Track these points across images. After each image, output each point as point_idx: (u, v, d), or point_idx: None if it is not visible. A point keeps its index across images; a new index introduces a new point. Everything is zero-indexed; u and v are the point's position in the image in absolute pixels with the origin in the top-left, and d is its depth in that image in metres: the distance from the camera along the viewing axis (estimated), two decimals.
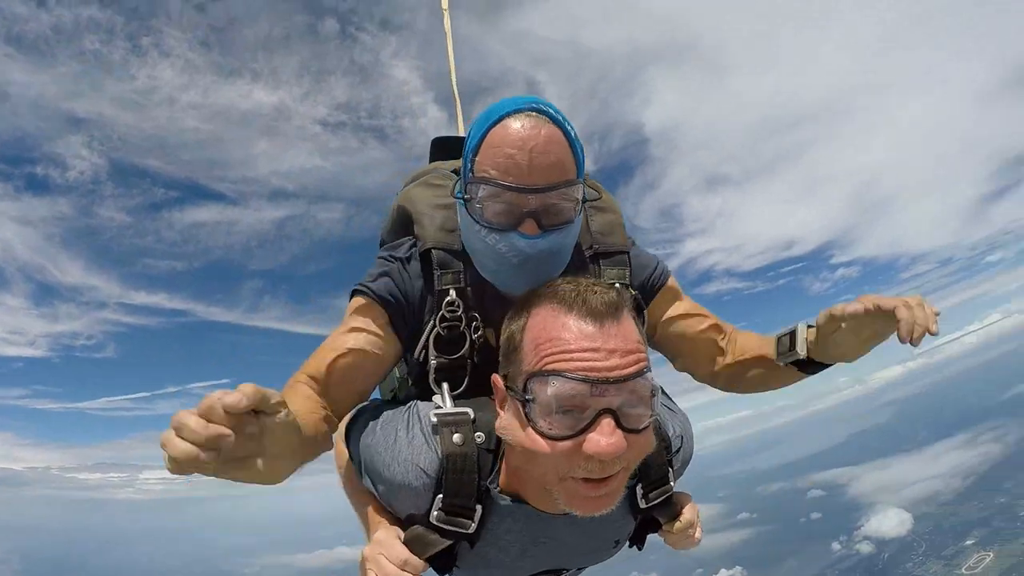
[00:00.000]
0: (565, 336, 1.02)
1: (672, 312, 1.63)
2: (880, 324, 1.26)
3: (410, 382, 1.61)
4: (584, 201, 1.34)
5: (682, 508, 1.43)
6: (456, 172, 1.59)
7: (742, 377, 1.63)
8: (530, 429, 1.03)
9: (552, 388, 0.99)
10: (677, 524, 1.40)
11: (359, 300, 1.45)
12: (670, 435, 1.35)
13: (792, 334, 1.44)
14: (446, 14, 2.78)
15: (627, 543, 1.49)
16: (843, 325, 1.31)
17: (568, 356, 1.00)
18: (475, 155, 1.28)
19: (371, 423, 1.34)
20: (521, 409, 1.04)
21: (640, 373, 1.02)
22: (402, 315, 1.44)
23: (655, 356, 1.65)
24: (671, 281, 1.63)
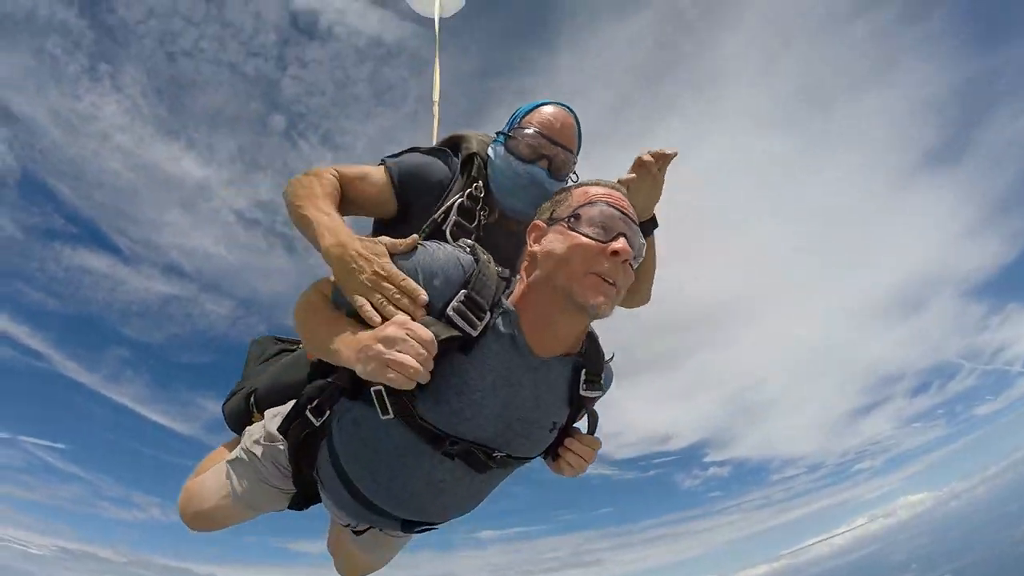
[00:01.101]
0: (605, 192, 1.43)
1: None
2: (642, 177, 1.72)
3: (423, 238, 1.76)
4: (573, 167, 1.91)
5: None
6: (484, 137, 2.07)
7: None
8: (575, 234, 1.34)
9: (598, 208, 1.36)
10: (589, 438, 1.61)
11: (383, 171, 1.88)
12: (602, 349, 1.59)
13: None
14: (436, 105, 3.08)
15: (550, 442, 1.58)
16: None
17: (608, 198, 1.40)
18: (523, 117, 1.88)
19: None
20: (567, 226, 1.36)
21: (638, 228, 1.42)
22: (415, 189, 1.89)
23: None
24: None
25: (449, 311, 1.31)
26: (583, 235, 1.33)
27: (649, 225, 1.83)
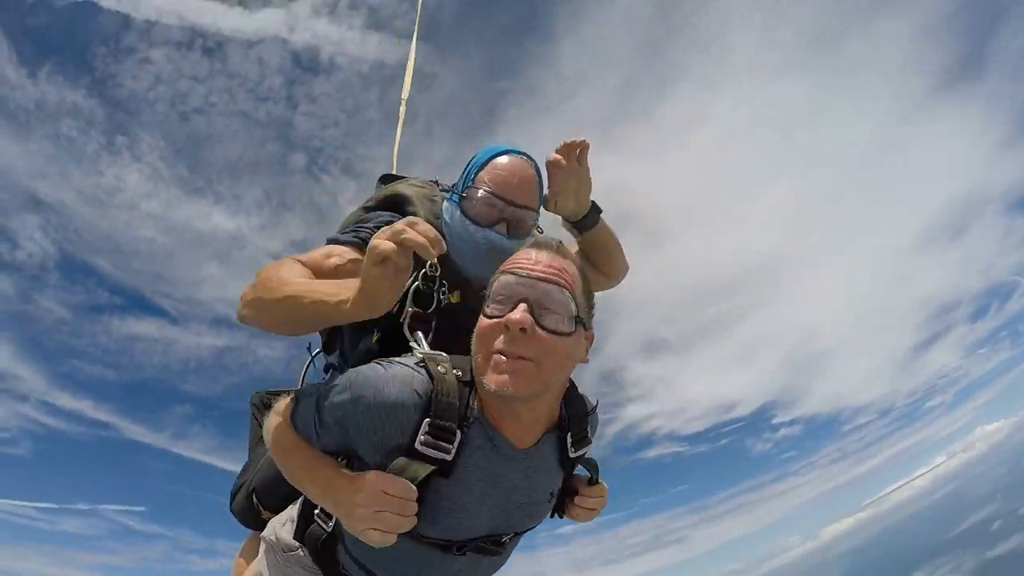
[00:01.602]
0: (512, 259, 1.33)
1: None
2: (563, 178, 1.75)
3: (375, 337, 1.76)
4: (535, 224, 1.81)
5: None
6: (439, 186, 2.05)
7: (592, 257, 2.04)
8: (481, 318, 1.28)
9: (499, 281, 1.28)
10: (595, 487, 1.61)
11: (349, 247, 1.71)
12: (586, 401, 1.54)
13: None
14: (403, 103, 3.14)
15: (551, 510, 1.60)
16: (557, 200, 1.81)
17: (512, 265, 1.30)
18: (478, 171, 1.73)
19: (345, 375, 1.35)
20: (484, 312, 1.29)
21: (556, 283, 1.25)
22: None
23: None
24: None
25: (418, 446, 1.26)
26: (485, 316, 1.28)
27: (592, 215, 1.90)
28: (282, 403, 1.51)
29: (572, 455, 1.46)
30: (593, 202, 1.89)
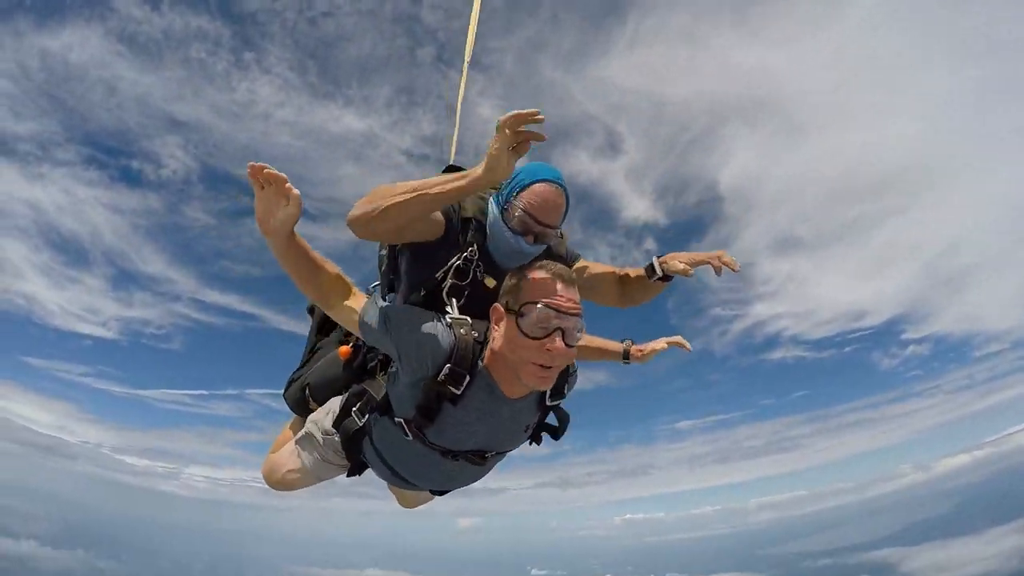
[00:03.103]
0: (551, 286, 1.85)
1: (586, 270, 2.62)
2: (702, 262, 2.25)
3: (422, 292, 2.30)
4: (557, 236, 2.34)
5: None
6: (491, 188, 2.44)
7: (631, 293, 2.58)
8: (519, 332, 1.81)
9: (538, 312, 1.80)
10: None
11: None
12: (573, 368, 2.22)
13: (651, 266, 2.43)
14: (465, 64, 3.30)
15: (528, 438, 2.25)
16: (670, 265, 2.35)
17: (549, 299, 1.82)
18: (521, 190, 2.18)
19: (410, 309, 2.02)
20: (515, 321, 1.82)
21: (578, 315, 1.85)
22: (451, 229, 2.28)
23: None
24: (582, 262, 2.63)
25: (440, 378, 1.89)
26: (523, 333, 1.79)
27: (671, 277, 2.42)
28: (360, 298, 2.07)
29: (548, 404, 2.13)
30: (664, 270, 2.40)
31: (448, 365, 1.89)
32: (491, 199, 2.31)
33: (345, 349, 2.55)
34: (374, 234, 2.09)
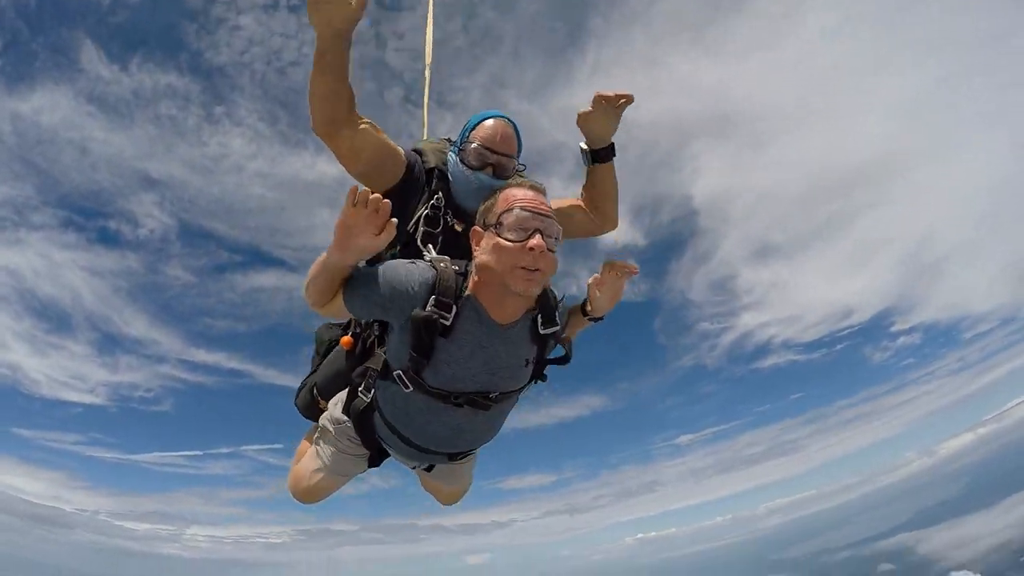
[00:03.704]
0: (519, 194, 1.92)
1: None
2: (601, 112, 2.34)
3: (398, 247, 2.41)
4: (516, 169, 2.42)
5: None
6: (449, 140, 2.64)
7: (593, 201, 2.63)
8: (500, 239, 1.85)
9: (514, 214, 1.86)
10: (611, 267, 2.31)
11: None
12: (555, 294, 2.15)
13: (583, 152, 2.54)
14: (427, 68, 3.47)
15: (530, 375, 2.16)
16: (588, 119, 2.41)
17: (522, 202, 1.89)
18: (471, 131, 2.36)
19: (382, 263, 2.01)
20: (495, 232, 1.87)
21: (552, 216, 1.91)
22: (408, 181, 2.40)
23: None
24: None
25: (427, 310, 1.89)
26: (505, 239, 1.85)
27: (608, 152, 2.46)
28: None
29: (541, 332, 2.06)
30: (612, 142, 2.45)
31: (433, 296, 1.90)
32: (450, 149, 2.47)
33: (347, 339, 2.57)
34: (322, 122, 2.17)
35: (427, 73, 3.46)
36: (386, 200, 1.78)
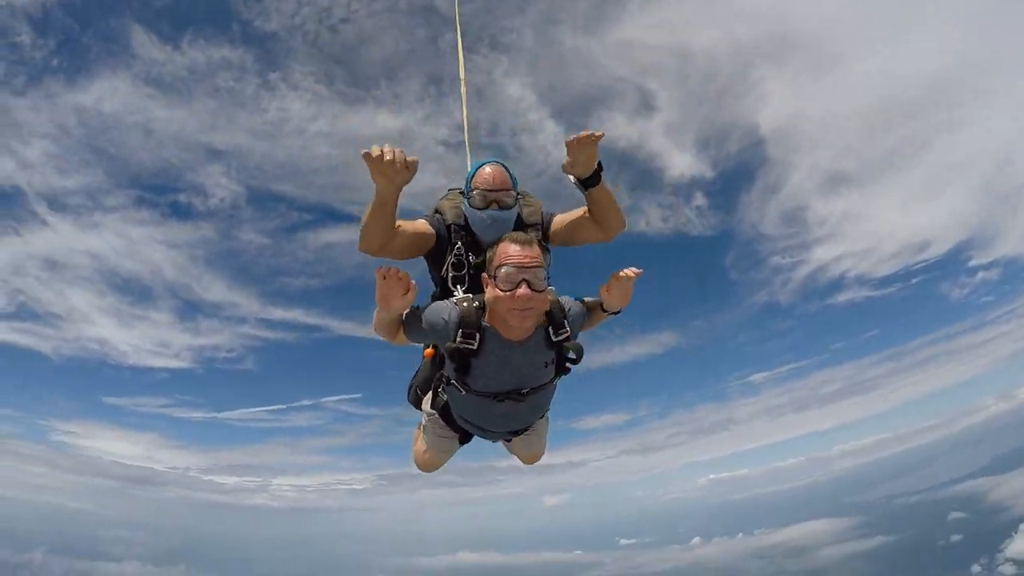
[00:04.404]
0: (510, 251, 2.52)
1: (559, 222, 3.34)
2: (576, 151, 2.80)
3: (438, 291, 3.26)
4: (516, 199, 3.09)
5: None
6: (460, 191, 3.34)
7: (597, 214, 3.11)
8: (497, 290, 2.50)
9: (504, 270, 2.47)
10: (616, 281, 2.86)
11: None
12: (564, 306, 2.80)
13: (572, 182, 3.01)
14: (463, 83, 4.10)
15: (553, 372, 2.88)
16: (572, 166, 2.90)
17: (511, 259, 2.49)
18: (472, 178, 3.04)
19: (429, 304, 2.80)
20: (493, 283, 2.52)
21: (536, 266, 2.49)
22: (439, 241, 3.17)
23: None
24: (556, 218, 3.36)
25: (456, 342, 2.63)
26: (500, 289, 2.49)
27: (594, 177, 2.90)
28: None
29: (554, 339, 2.72)
30: (599, 163, 2.88)
31: (460, 329, 2.63)
32: (461, 202, 3.15)
33: (429, 351, 3.45)
34: (371, 249, 2.87)
35: (461, 76, 4.17)
36: (404, 272, 2.43)
